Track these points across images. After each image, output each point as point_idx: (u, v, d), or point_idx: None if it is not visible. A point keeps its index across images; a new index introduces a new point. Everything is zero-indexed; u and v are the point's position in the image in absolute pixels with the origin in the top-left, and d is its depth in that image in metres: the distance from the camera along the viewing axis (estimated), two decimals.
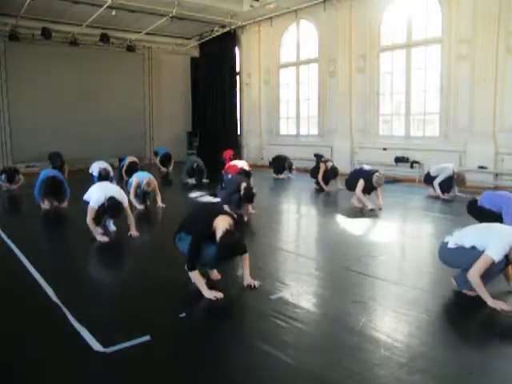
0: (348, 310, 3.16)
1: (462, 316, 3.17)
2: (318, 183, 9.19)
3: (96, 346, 2.65)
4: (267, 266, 4.26)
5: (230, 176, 7.61)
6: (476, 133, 9.04)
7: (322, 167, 8.91)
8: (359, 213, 6.75)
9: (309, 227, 6.40)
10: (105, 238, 5.21)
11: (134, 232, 5.42)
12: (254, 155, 14.33)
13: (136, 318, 3.09)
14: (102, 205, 5.09)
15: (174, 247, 3.82)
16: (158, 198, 7.27)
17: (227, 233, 3.31)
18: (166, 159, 12.42)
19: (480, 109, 8.94)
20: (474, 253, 3.23)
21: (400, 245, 5.21)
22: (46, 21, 12.50)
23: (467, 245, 3.32)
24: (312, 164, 9.96)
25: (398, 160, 10.29)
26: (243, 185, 6.15)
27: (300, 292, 3.56)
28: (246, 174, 8.02)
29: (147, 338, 2.74)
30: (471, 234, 3.39)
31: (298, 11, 12.30)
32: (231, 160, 10.21)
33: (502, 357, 2.54)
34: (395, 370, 2.38)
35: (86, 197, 5.40)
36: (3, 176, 9.38)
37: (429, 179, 8.06)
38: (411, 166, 10.04)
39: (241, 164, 8.66)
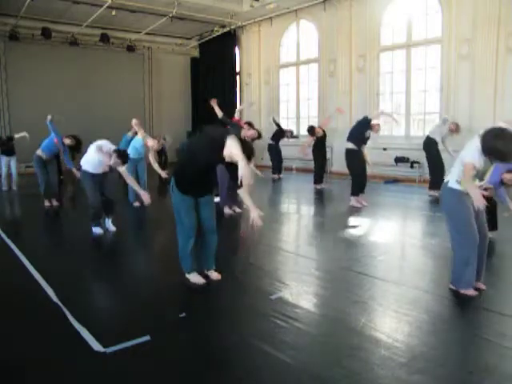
0: (348, 310, 3.16)
1: (462, 316, 3.17)
2: (315, 182, 9.29)
3: (96, 345, 2.65)
4: (267, 265, 4.26)
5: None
6: (476, 133, 8.97)
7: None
8: (359, 213, 6.75)
9: (308, 227, 6.40)
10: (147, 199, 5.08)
11: (145, 196, 5.10)
12: (254, 155, 14.31)
13: (136, 318, 3.09)
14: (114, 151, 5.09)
15: (174, 247, 3.82)
16: (156, 167, 7.18)
17: (244, 143, 3.44)
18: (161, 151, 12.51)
19: (480, 109, 8.94)
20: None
21: (400, 245, 5.21)
22: (45, 21, 12.51)
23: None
24: (311, 164, 9.98)
25: (398, 160, 10.30)
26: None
27: (300, 292, 3.56)
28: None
29: (147, 337, 2.74)
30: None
31: (298, 11, 12.30)
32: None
33: (502, 357, 2.54)
34: (395, 369, 2.38)
35: (83, 161, 5.39)
36: None
37: (430, 145, 8.00)
38: (411, 166, 10.05)
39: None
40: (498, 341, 2.68)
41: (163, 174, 7.08)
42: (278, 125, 11.65)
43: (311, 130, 9.28)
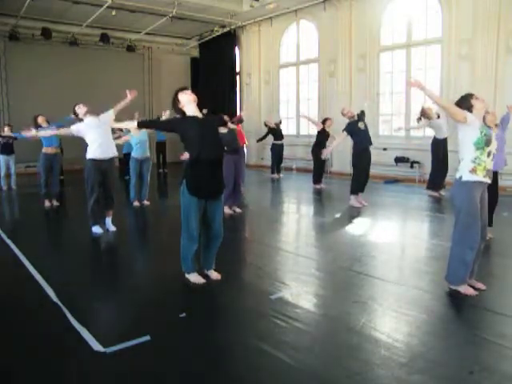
0: (348, 310, 3.16)
1: (462, 316, 3.17)
2: (314, 182, 9.29)
3: (96, 345, 2.65)
4: (267, 266, 4.26)
5: None
6: None
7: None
8: (358, 213, 6.74)
9: (308, 227, 6.40)
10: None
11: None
12: (254, 155, 14.33)
13: (136, 318, 3.09)
14: None
15: (174, 247, 3.82)
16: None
17: None
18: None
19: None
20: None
21: (400, 245, 5.21)
22: (45, 21, 12.49)
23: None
24: (311, 164, 9.98)
25: (398, 160, 10.30)
26: None
27: (300, 292, 3.56)
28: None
29: (147, 337, 2.74)
30: None
31: (298, 11, 12.29)
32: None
33: (502, 357, 2.54)
34: (395, 369, 2.38)
35: (87, 152, 5.52)
36: None
37: (438, 145, 8.00)
38: (411, 166, 10.05)
39: None
40: (498, 341, 2.68)
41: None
42: (269, 130, 11.58)
43: (324, 120, 9.78)
